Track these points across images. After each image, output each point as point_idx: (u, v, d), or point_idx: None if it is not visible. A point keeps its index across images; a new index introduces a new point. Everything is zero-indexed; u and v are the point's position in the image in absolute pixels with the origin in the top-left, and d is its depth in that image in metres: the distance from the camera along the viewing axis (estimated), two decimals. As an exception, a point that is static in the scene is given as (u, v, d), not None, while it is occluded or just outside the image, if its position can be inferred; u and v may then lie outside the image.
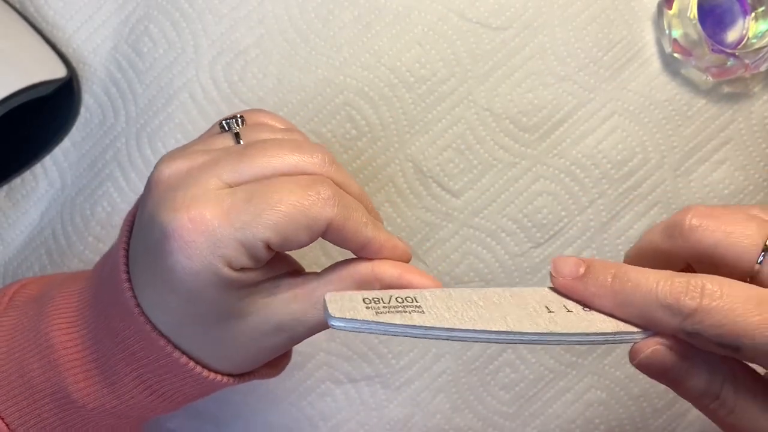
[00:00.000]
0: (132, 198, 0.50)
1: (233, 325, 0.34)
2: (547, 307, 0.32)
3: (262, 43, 0.50)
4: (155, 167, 0.34)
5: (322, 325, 0.35)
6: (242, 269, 0.33)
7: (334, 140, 0.50)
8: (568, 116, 0.50)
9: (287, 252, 0.36)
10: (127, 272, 0.35)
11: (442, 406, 0.51)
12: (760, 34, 0.48)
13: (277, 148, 0.34)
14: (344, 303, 0.30)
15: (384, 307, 0.30)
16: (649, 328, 0.30)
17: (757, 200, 0.50)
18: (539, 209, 0.50)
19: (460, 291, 0.32)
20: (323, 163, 0.34)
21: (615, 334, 0.30)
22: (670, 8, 0.48)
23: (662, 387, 0.50)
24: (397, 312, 0.30)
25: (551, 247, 0.50)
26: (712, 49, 0.47)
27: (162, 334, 0.35)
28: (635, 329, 0.31)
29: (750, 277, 0.30)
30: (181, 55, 0.50)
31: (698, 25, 0.47)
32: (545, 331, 0.30)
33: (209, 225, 0.31)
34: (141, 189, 0.37)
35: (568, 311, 0.31)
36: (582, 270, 0.32)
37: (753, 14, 0.48)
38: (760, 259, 0.30)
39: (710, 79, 0.49)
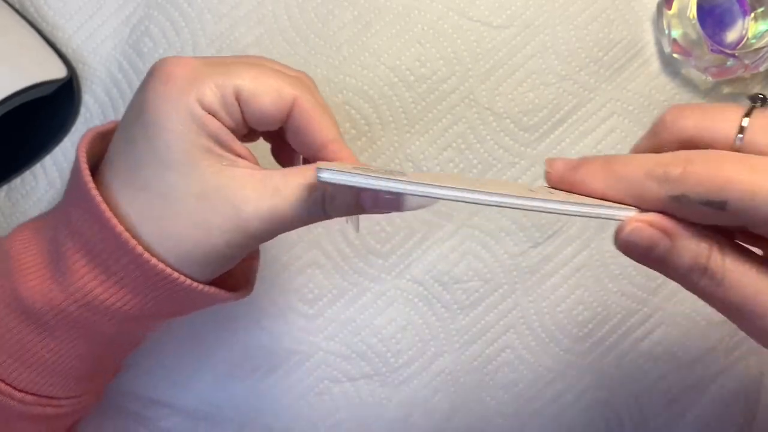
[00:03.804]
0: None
1: (184, 177, 0.35)
2: (530, 190, 0.32)
3: (261, 43, 0.50)
4: None
5: (271, 221, 0.35)
6: (209, 113, 0.35)
7: (334, 140, 0.50)
8: (567, 116, 0.50)
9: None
10: (86, 146, 0.38)
11: (440, 405, 0.51)
12: (759, 35, 0.48)
13: (266, 59, 0.39)
14: (334, 165, 0.31)
15: (372, 172, 0.31)
16: (639, 205, 0.31)
17: (757, 200, 0.50)
18: (538, 209, 0.50)
19: (446, 173, 0.33)
20: (306, 75, 0.39)
21: (596, 206, 0.31)
22: (670, 8, 0.48)
23: (662, 386, 0.50)
24: (383, 175, 0.31)
25: (550, 246, 0.50)
26: (712, 50, 0.47)
27: (110, 199, 0.36)
28: (617, 206, 0.31)
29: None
30: (180, 55, 0.50)
31: (698, 25, 0.46)
32: (526, 197, 0.30)
33: (192, 64, 0.36)
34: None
35: (551, 193, 0.32)
36: (574, 163, 0.33)
37: (752, 14, 0.48)
38: (740, 136, 0.30)
39: (710, 79, 0.48)
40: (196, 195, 0.35)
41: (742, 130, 0.30)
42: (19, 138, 0.51)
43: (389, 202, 0.35)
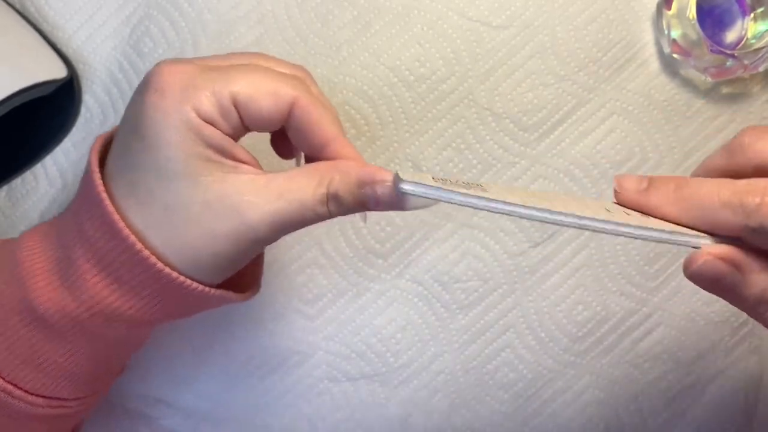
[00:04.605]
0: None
1: (186, 188, 0.35)
2: (606, 209, 0.32)
3: (260, 43, 0.50)
4: None
5: (277, 225, 0.36)
6: (207, 122, 0.35)
7: (334, 140, 0.50)
8: (567, 116, 0.50)
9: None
10: (98, 154, 0.38)
11: (440, 405, 0.51)
12: (759, 35, 0.48)
13: (262, 57, 0.39)
14: (414, 175, 0.31)
15: (451, 183, 0.32)
16: (713, 231, 0.30)
17: (756, 200, 0.50)
18: (538, 209, 0.50)
19: (523, 187, 0.32)
20: (304, 71, 0.39)
21: (672, 233, 0.31)
22: (669, 9, 0.48)
23: (661, 386, 0.50)
24: (462, 187, 0.31)
25: (549, 246, 0.50)
26: (711, 50, 0.47)
27: (115, 209, 0.36)
28: (693, 233, 0.31)
29: None
30: (180, 55, 0.50)
31: (697, 26, 0.47)
32: (603, 218, 0.30)
33: (187, 71, 0.35)
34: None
35: (627, 214, 0.32)
36: (645, 184, 0.32)
37: (752, 15, 0.48)
38: None
39: (709, 79, 0.48)
40: (200, 204, 0.35)
41: None
42: (19, 138, 0.51)
43: (392, 202, 0.35)
